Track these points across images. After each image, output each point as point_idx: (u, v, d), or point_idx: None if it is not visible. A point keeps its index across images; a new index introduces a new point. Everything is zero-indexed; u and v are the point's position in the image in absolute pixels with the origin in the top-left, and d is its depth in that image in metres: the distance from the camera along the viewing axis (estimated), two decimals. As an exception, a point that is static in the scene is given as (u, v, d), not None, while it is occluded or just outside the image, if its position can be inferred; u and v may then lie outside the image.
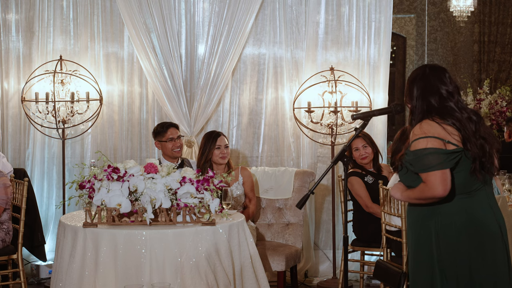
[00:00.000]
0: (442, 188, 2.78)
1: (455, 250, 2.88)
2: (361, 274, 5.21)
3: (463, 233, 2.87)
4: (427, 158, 2.79)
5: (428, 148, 2.79)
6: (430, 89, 2.93)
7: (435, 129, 2.83)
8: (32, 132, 5.98)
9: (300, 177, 5.31)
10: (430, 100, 2.92)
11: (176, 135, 5.13)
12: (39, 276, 5.68)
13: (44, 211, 5.95)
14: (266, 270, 4.45)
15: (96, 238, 3.55)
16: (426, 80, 2.96)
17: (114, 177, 3.62)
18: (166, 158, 5.13)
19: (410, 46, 11.76)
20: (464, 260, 2.87)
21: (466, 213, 2.87)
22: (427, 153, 2.79)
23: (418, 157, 2.81)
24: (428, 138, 2.80)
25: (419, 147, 2.81)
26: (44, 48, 5.91)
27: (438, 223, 2.89)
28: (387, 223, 4.69)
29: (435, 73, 2.97)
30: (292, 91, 5.98)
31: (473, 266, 2.87)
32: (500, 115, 9.00)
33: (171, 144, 5.09)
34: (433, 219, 2.90)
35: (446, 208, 2.89)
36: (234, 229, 3.77)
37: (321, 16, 5.97)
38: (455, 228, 2.87)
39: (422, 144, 2.81)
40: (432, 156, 2.78)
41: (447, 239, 2.88)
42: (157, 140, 5.15)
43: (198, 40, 5.95)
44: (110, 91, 5.99)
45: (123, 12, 5.81)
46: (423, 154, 2.80)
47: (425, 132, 2.82)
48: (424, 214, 2.94)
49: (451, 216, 2.88)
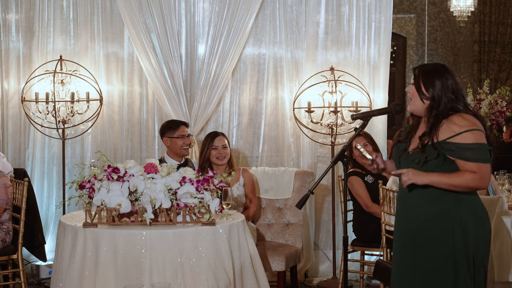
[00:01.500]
0: (488, 180, 2.96)
1: (481, 239, 3.01)
2: (361, 274, 5.21)
3: (487, 224, 3.04)
4: (485, 151, 2.92)
5: (484, 144, 2.93)
6: (452, 87, 3.03)
7: (479, 124, 2.97)
8: (32, 132, 5.98)
9: (300, 177, 5.31)
10: (452, 97, 3.01)
11: (187, 133, 5.14)
12: (39, 276, 5.68)
13: (44, 211, 5.95)
14: (266, 270, 4.46)
15: (96, 238, 3.55)
16: (454, 78, 3.06)
17: (114, 177, 3.62)
18: (171, 156, 5.11)
19: (410, 46, 11.76)
20: (487, 249, 3.04)
21: (484, 206, 3.06)
22: (486, 148, 2.93)
23: (477, 149, 2.91)
24: (482, 132, 2.94)
25: (477, 140, 2.92)
26: (44, 48, 5.91)
27: (467, 213, 2.99)
28: (387, 223, 4.69)
29: (449, 72, 3.08)
30: (292, 91, 5.98)
31: (489, 254, 3.07)
32: (500, 115, 9.00)
33: (181, 142, 5.08)
34: (462, 209, 2.99)
35: (474, 200, 3.03)
36: (234, 229, 3.77)
37: (321, 16, 5.97)
38: (482, 218, 3.02)
39: (480, 138, 2.93)
40: (486, 151, 2.93)
41: (476, 229, 2.99)
42: (167, 136, 5.11)
43: (198, 40, 5.95)
44: (110, 91, 5.99)
45: (123, 12, 5.81)
46: (483, 147, 2.93)
47: (475, 124, 2.94)
48: (447, 207, 2.99)
49: (479, 208, 3.03)
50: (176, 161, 5.05)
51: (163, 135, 5.15)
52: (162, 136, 5.18)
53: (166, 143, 5.13)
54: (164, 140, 5.15)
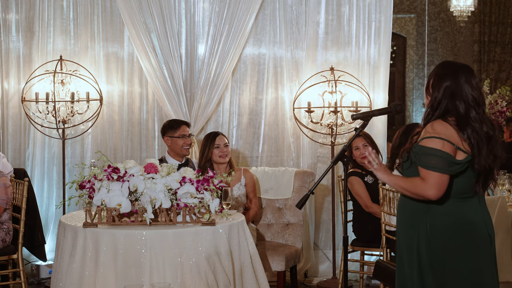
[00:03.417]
0: (436, 191, 2.80)
1: (444, 251, 2.88)
2: (361, 274, 5.21)
3: (453, 235, 2.87)
4: (435, 159, 2.78)
5: (441, 151, 2.78)
6: (460, 92, 2.88)
7: (449, 131, 2.82)
8: (32, 132, 5.98)
9: (300, 177, 5.31)
10: (457, 103, 2.87)
11: (188, 133, 5.14)
12: (39, 276, 5.68)
13: (44, 211, 5.96)
14: (266, 270, 4.46)
15: (96, 238, 3.55)
16: (457, 81, 2.90)
17: (114, 177, 3.62)
18: (172, 156, 5.11)
19: (410, 46, 11.76)
20: (453, 262, 2.88)
21: (456, 216, 2.88)
22: (438, 155, 2.78)
23: (427, 154, 2.80)
24: (444, 141, 2.78)
25: (432, 145, 2.80)
26: (44, 48, 5.91)
27: (428, 223, 2.89)
28: (387, 223, 4.69)
29: (467, 76, 2.91)
30: (292, 91, 5.98)
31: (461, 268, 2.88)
32: (500, 115, 9.01)
33: (182, 141, 5.08)
34: (424, 219, 2.90)
35: (438, 210, 2.89)
36: (234, 229, 3.77)
37: (321, 16, 5.97)
38: (445, 229, 2.87)
39: (437, 144, 2.79)
40: (441, 160, 2.78)
41: (437, 240, 2.88)
42: (168, 135, 5.11)
43: (198, 40, 5.95)
44: (110, 91, 5.99)
45: (123, 12, 5.81)
46: (433, 153, 2.79)
47: (438, 133, 2.80)
48: (415, 213, 2.94)
49: (442, 218, 2.88)
50: (177, 161, 5.06)
51: (164, 135, 5.15)
52: (163, 136, 5.17)
53: (167, 143, 5.13)
54: (165, 140, 5.15)
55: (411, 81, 11.81)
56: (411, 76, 11.77)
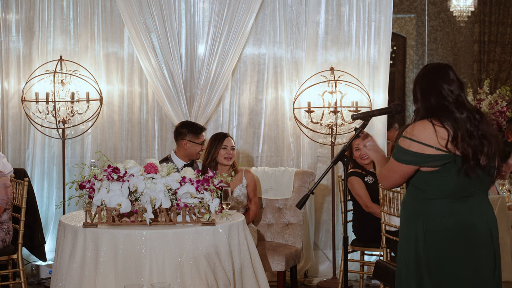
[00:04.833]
0: (390, 180, 2.98)
1: (440, 252, 2.88)
2: (361, 274, 5.22)
3: (448, 236, 2.86)
4: (400, 153, 2.90)
5: (408, 150, 2.87)
6: (431, 87, 2.93)
7: (426, 133, 2.84)
8: (32, 132, 5.98)
9: (300, 177, 5.31)
10: (430, 99, 2.92)
11: (204, 139, 5.16)
12: (39, 276, 5.68)
13: (44, 211, 5.96)
14: (266, 270, 4.46)
15: (96, 238, 3.55)
16: (427, 79, 2.96)
17: (114, 177, 3.62)
18: (180, 157, 5.10)
19: (410, 46, 11.76)
20: (449, 262, 2.87)
21: (452, 217, 2.87)
22: (404, 151, 2.88)
23: (398, 150, 2.92)
24: (413, 142, 2.85)
25: (402, 145, 2.90)
26: (44, 48, 5.91)
27: (425, 223, 2.89)
28: (387, 223, 4.69)
29: (437, 71, 2.96)
30: (292, 91, 5.98)
31: (459, 270, 2.87)
32: (500, 115, 9.01)
33: (200, 148, 5.09)
34: (421, 219, 2.90)
35: (434, 210, 2.88)
36: (234, 229, 3.77)
37: (321, 16, 5.97)
38: (440, 230, 2.87)
39: (406, 144, 2.88)
40: (405, 155, 2.88)
41: (434, 242, 2.88)
42: (188, 139, 5.06)
43: (198, 40, 5.95)
44: (110, 91, 5.99)
45: (123, 12, 5.81)
46: (402, 150, 2.90)
47: (414, 135, 2.86)
48: (413, 213, 2.95)
49: (438, 218, 2.87)
50: (184, 162, 5.08)
51: (184, 138, 5.08)
52: (181, 138, 5.09)
53: (185, 146, 5.07)
54: (182, 143, 5.07)
55: (411, 81, 11.81)
56: (411, 76, 11.77)
